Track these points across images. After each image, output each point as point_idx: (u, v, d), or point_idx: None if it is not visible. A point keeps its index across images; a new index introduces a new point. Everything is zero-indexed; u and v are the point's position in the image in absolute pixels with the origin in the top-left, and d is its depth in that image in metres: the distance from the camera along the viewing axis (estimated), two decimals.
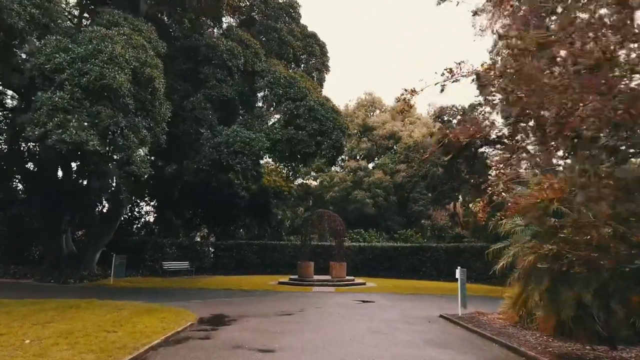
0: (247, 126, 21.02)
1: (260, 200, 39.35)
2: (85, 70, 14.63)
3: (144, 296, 18.99)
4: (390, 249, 36.12)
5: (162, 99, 17.36)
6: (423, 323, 13.73)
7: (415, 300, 19.71)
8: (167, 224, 41.82)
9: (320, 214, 28.32)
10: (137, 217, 39.44)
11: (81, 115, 14.29)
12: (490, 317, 14.46)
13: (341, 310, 15.73)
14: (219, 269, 34.72)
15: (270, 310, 15.47)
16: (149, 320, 12.05)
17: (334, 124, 21.63)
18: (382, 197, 49.55)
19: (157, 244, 31.92)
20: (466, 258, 32.90)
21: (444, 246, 34.50)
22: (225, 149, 19.77)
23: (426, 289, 25.43)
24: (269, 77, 21.69)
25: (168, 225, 41.81)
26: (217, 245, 35.68)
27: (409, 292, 23.48)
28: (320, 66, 29.12)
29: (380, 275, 35.08)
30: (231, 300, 18.36)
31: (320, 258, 35.93)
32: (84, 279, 24.89)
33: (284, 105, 21.40)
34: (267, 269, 35.98)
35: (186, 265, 32.25)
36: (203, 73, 21.52)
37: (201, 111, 21.00)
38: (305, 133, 21.11)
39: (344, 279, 27.20)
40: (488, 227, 17.05)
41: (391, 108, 58.84)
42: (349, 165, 53.03)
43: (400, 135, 52.64)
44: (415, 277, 34.22)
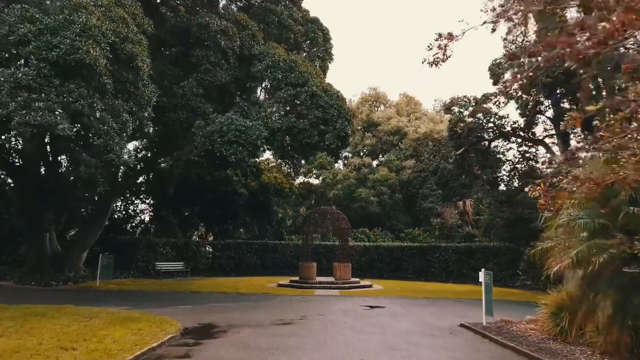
0: (243, 114, 19.12)
1: (259, 198, 37.50)
2: (55, 43, 12.75)
3: (128, 301, 17.15)
4: (396, 249, 34.23)
5: (147, 80, 15.48)
6: (445, 335, 11.78)
7: (428, 306, 17.77)
8: (164, 223, 40.03)
9: (323, 211, 26.41)
10: (131, 215, 37.56)
11: (49, 95, 12.41)
12: (520, 326, 12.52)
13: (348, 319, 13.81)
14: (216, 270, 32.92)
15: (267, 318, 13.57)
16: (121, 332, 10.16)
17: (339, 111, 19.69)
18: (387, 195, 47.62)
19: (149, 243, 30.06)
20: (478, 259, 31.01)
21: (453, 246, 32.57)
22: (219, 138, 17.86)
23: (438, 292, 23.49)
24: (267, 60, 19.76)
25: (164, 224, 40.03)
26: (214, 245, 33.79)
27: (420, 295, 21.54)
28: (323, 54, 27.18)
29: (386, 277, 33.29)
30: (224, 305, 16.47)
31: (324, 258, 34.17)
32: (69, 281, 23.05)
33: (283, 91, 19.45)
34: (267, 271, 34.19)
35: (181, 266, 30.45)
36: (195, 56, 19.62)
37: (193, 97, 19.10)
38: (307, 122, 19.18)
39: (349, 280, 25.29)
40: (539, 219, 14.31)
41: (396, 103, 56.93)
42: (352, 162, 51.14)
43: (406, 131, 50.69)
44: (423, 279, 32.39)
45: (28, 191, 22.67)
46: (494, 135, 28.68)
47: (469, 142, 28.64)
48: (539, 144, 28.26)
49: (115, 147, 13.77)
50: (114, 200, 25.29)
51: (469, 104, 28.94)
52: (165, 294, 20.13)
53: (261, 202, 37.79)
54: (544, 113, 27.49)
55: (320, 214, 26.14)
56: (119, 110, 14.07)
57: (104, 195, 24.98)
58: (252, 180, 37.59)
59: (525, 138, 28.16)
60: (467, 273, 31.35)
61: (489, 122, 28.33)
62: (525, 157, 28.54)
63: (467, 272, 31.35)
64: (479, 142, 29.22)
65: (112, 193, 24.40)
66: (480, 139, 29.06)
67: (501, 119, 28.15)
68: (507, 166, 29.36)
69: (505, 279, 29.55)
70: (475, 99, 28.40)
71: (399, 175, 48.53)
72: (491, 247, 30.58)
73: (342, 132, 19.47)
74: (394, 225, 48.96)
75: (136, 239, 29.44)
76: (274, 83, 19.55)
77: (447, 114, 29.08)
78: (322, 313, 14.88)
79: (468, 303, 19.11)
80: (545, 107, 27.41)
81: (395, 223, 48.99)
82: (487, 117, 27.87)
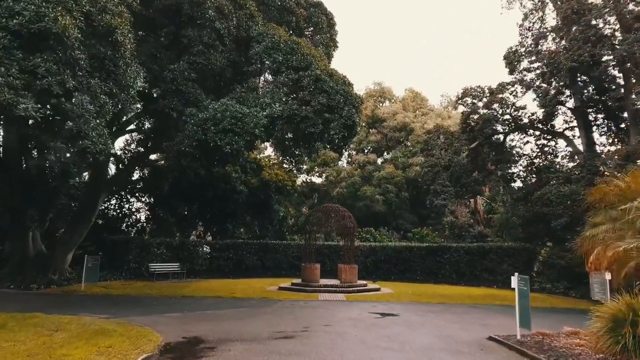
0: (239, 100, 17.27)
1: (260, 196, 35.65)
2: (17, 9, 10.94)
3: (111, 306, 15.37)
4: (404, 250, 32.34)
5: (130, 58, 13.66)
6: (475, 352, 9.90)
7: (446, 313, 15.90)
8: (161, 222, 38.32)
9: (327, 208, 24.53)
10: (126, 214, 35.76)
11: (10, 70, 10.60)
12: (562, 341, 10.62)
13: (358, 331, 11.94)
14: (214, 272, 31.13)
15: (264, 329, 11.73)
16: (84, 352, 8.34)
17: (345, 97, 17.81)
18: (393, 193, 45.81)
19: (142, 243, 28.28)
20: (491, 260, 29.12)
21: (465, 246, 30.64)
22: (213, 127, 16.02)
23: (452, 296, 21.60)
24: (267, 41, 17.90)
25: (162, 223, 38.31)
26: (212, 245, 31.97)
27: (435, 300, 19.66)
28: (327, 40, 25.31)
29: (394, 279, 31.45)
30: (218, 312, 14.64)
31: (327, 259, 32.34)
32: (52, 284, 21.29)
33: (284, 75, 17.58)
34: (268, 272, 32.41)
35: (176, 268, 28.68)
36: (186, 37, 17.77)
37: (184, 82, 17.25)
38: (310, 109, 17.31)
39: (355, 283, 23.44)
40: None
41: (402, 98, 55.04)
42: (357, 159, 49.29)
43: (413, 127, 48.83)
44: (433, 281, 30.54)
45: (16, 188, 20.87)
46: (510, 128, 26.78)
47: (483, 135, 26.75)
48: (559, 137, 26.36)
49: (90, 133, 11.94)
50: (102, 196, 23.47)
51: (482, 95, 27.05)
52: (154, 298, 18.32)
53: (262, 201, 35.96)
54: (564, 104, 25.60)
55: (324, 212, 24.29)
56: (95, 90, 12.25)
57: (91, 191, 23.27)
58: (252, 177, 35.77)
59: (544, 130, 26.25)
60: (480, 275, 29.49)
61: (504, 114, 26.45)
62: (544, 151, 26.62)
63: (480, 274, 29.49)
64: (493, 136, 27.35)
65: (99, 189, 22.62)
66: (495, 132, 27.18)
67: (518, 110, 26.26)
68: (524, 161, 27.46)
69: None
70: (490, 89, 26.49)
71: (405, 172, 46.69)
72: (506, 247, 28.65)
73: (349, 120, 17.59)
74: (400, 225, 47.10)
75: (128, 238, 27.63)
76: (274, 66, 17.68)
77: (459, 105, 27.10)
78: (328, 323, 13.03)
79: (488, 309, 17.26)
80: (566, 97, 25.53)
81: (401, 222, 47.12)
82: (503, 109, 25.99)
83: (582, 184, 22.50)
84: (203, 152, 16.80)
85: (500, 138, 27.33)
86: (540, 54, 25.75)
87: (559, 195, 22.60)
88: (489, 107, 26.18)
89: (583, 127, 24.73)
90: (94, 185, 22.79)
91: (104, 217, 33.73)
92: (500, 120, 26.28)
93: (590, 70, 22.76)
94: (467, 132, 27.15)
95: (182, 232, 38.13)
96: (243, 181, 34.79)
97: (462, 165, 25.87)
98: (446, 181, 25.29)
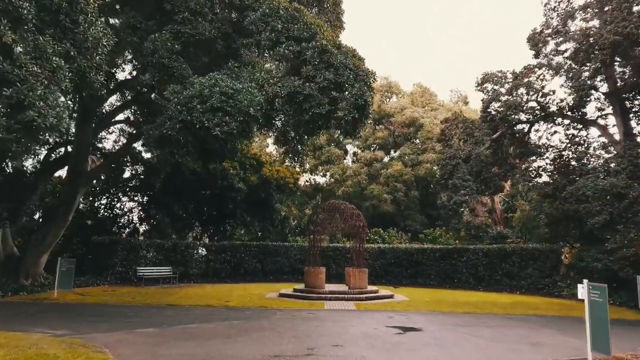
0: (232, 76, 14.71)
1: (260, 194, 33.09)
2: None
3: (75, 319, 12.81)
4: (416, 252, 29.72)
5: (94, 15, 11.11)
6: None
7: (480, 327, 13.22)
8: (155, 223, 35.86)
9: (332, 205, 21.87)
10: (118, 214, 33.25)
11: None
12: None
13: (379, 356, 9.30)
14: (209, 276, 28.63)
15: (258, 352, 9.11)
16: None
17: (355, 73, 15.17)
18: (402, 192, 43.16)
19: (130, 244, 25.70)
20: (513, 263, 26.42)
21: (484, 248, 27.93)
22: (199, 105, 13.44)
23: (478, 304, 18.90)
24: (264, 7, 15.34)
25: (157, 224, 35.86)
26: (208, 247, 29.41)
27: (459, 310, 16.97)
28: (334, 19, 22.80)
29: (405, 283, 28.91)
30: (204, 327, 12.04)
31: (332, 262, 29.82)
32: (22, 291, 18.76)
33: (284, 47, 14.97)
34: (268, 276, 29.89)
35: (167, 272, 26.15)
36: (170, 2, 15.24)
37: (167, 55, 14.69)
38: (315, 86, 14.69)
39: (366, 290, 20.78)
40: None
41: (410, 93, 52.43)
42: (363, 156, 46.66)
43: (422, 123, 46.17)
44: (448, 286, 27.95)
45: None
46: (535, 117, 24.08)
47: (506, 124, 24.09)
48: (591, 125, 23.67)
49: (37, 102, 9.40)
50: (80, 193, 20.88)
51: (504, 81, 24.40)
52: (133, 308, 15.72)
53: (262, 199, 33.39)
54: (597, 89, 22.92)
55: (330, 209, 21.64)
56: (45, 49, 9.71)
57: (67, 186, 20.74)
58: (252, 174, 33.23)
59: (575, 118, 23.55)
60: (501, 280, 26.80)
61: (529, 101, 23.78)
62: (573, 141, 23.90)
63: (501, 279, 26.81)
64: (517, 125, 24.68)
65: (77, 183, 20.06)
66: (519, 122, 24.50)
67: (545, 97, 23.58)
68: (551, 153, 24.74)
69: (549, 286, 24.92)
70: (513, 73, 23.81)
71: (415, 170, 44.06)
72: (530, 249, 25.92)
73: (360, 99, 14.92)
74: (409, 226, 44.44)
75: (114, 239, 25.06)
76: (272, 36, 15.05)
77: (478, 92, 24.46)
78: (338, 342, 10.38)
79: (527, 322, 14.56)
80: (599, 81, 22.86)
81: (410, 223, 44.47)
82: (529, 94, 23.32)
83: (624, 177, 19.84)
84: (189, 136, 14.22)
85: (524, 128, 24.65)
86: (569, 34, 23.14)
87: (596, 189, 19.90)
88: (513, 93, 23.51)
89: (620, 114, 22.06)
90: (71, 179, 20.23)
91: (94, 218, 31.33)
92: (525, 108, 23.60)
93: (630, 48, 20.15)
94: (488, 122, 24.49)
95: (178, 233, 35.61)
96: (242, 178, 32.25)
97: (484, 157, 23.18)
98: (466, 175, 22.61)
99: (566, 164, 24.00)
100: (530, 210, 26.83)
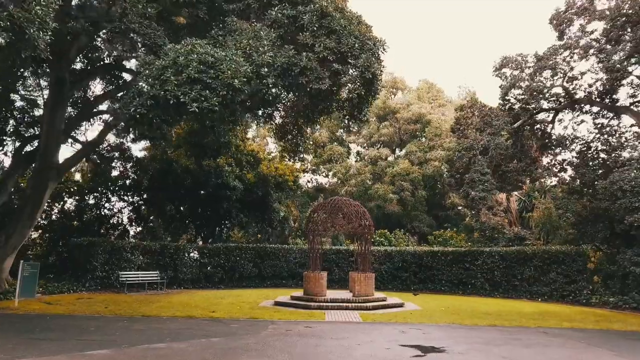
0: (214, 44, 12.38)
1: (257, 193, 30.73)
2: None
3: (21, 335, 10.46)
4: (426, 255, 27.30)
5: None
6: None
7: (516, 345, 10.75)
8: (147, 225, 33.63)
9: (335, 202, 19.44)
10: (106, 215, 30.95)
11: None
12: None
13: None
14: (202, 281, 26.30)
15: None
16: None
17: (361, 42, 12.83)
18: (408, 192, 40.74)
19: (111, 247, 23.31)
20: (535, 267, 23.86)
21: (501, 251, 25.41)
22: (174, 77, 11.13)
23: (501, 315, 16.41)
24: None
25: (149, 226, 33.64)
26: (200, 250, 27.02)
27: (483, 322, 14.49)
28: None
29: (414, 290, 26.46)
30: (174, 348, 9.65)
31: (336, 266, 27.43)
32: None
33: (277, 11, 12.68)
34: (266, 282, 27.57)
35: (155, 277, 23.82)
36: None
37: (137, 20, 12.40)
38: (314, 56, 12.34)
39: (372, 298, 18.34)
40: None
41: (417, 89, 50.08)
42: (367, 154, 44.30)
43: (430, 119, 43.81)
44: (461, 292, 25.58)
45: None
46: (560, 104, 21.64)
47: (527, 113, 21.67)
48: (624, 113, 21.22)
49: None
50: (50, 188, 18.53)
51: (525, 65, 21.99)
52: (99, 320, 13.34)
53: (259, 198, 31.03)
54: (631, 72, 20.50)
55: (332, 206, 19.21)
56: None
57: (34, 179, 18.40)
58: (248, 172, 30.90)
59: (606, 105, 21.11)
60: (520, 285, 24.29)
61: (554, 87, 21.37)
62: (604, 131, 21.44)
63: (520, 285, 24.29)
64: (539, 114, 22.25)
65: (44, 178, 17.71)
66: (542, 110, 22.07)
67: (571, 82, 21.17)
68: (577, 145, 22.28)
69: (575, 293, 22.39)
70: (536, 56, 21.37)
71: (422, 168, 41.68)
72: (554, 251, 23.40)
73: (368, 72, 12.53)
74: (417, 228, 42.06)
75: (92, 241, 22.65)
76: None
77: (496, 77, 22.07)
78: None
79: (568, 337, 12.10)
80: (633, 64, 20.42)
81: (417, 225, 42.08)
82: (554, 79, 20.91)
83: None
84: (162, 114, 11.86)
85: (548, 117, 22.20)
86: (596, 12, 20.79)
87: (636, 183, 17.43)
88: (535, 78, 21.11)
89: None
90: (38, 174, 17.91)
91: (79, 219, 29.09)
92: (549, 94, 21.20)
93: None
94: (507, 111, 22.09)
95: (172, 235, 33.25)
96: (237, 176, 29.88)
97: (504, 148, 20.74)
98: (484, 168, 20.18)
99: (594, 156, 21.58)
100: (553, 209, 24.32)
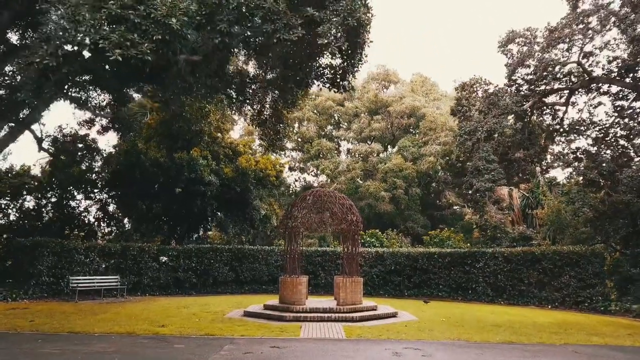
0: None
1: (235, 189, 27.80)
2: None
3: None
4: (421, 257, 24.50)
5: None
6: None
7: None
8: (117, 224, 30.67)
9: (318, 194, 16.55)
10: (72, 215, 27.88)
11: None
12: None
13: None
14: (171, 287, 23.34)
15: None
16: None
17: None
18: (402, 190, 37.98)
19: (61, 248, 20.24)
20: (544, 270, 21.12)
21: (505, 252, 22.65)
22: (90, 15, 8.26)
23: (513, 327, 13.61)
24: None
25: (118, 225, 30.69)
26: (169, 252, 23.97)
27: (495, 338, 11.66)
28: None
29: (408, 295, 23.87)
30: None
31: (322, 270, 24.66)
32: None
33: None
34: (244, 287, 24.73)
35: (114, 282, 20.86)
36: None
37: None
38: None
39: (359, 306, 15.44)
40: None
41: (410, 82, 47.45)
42: (357, 150, 41.52)
43: (424, 113, 41.15)
44: (461, 299, 22.93)
45: None
46: (574, 84, 19.01)
47: (536, 94, 18.99)
48: None
49: None
50: None
51: (534, 41, 19.34)
52: (6, 339, 10.35)
53: (237, 195, 28.07)
54: None
55: (314, 199, 16.30)
56: None
57: None
58: (226, 166, 27.98)
59: (628, 85, 18.45)
60: (527, 290, 21.53)
61: (567, 63, 18.72)
62: (624, 114, 18.80)
63: (527, 289, 21.53)
64: (550, 95, 19.59)
65: None
66: (554, 90, 19.41)
67: (587, 57, 18.53)
68: (593, 132, 19.64)
69: (592, 299, 19.69)
70: (548, 28, 18.69)
71: (416, 164, 38.96)
72: (566, 252, 20.66)
73: (351, 18, 9.74)
74: (410, 228, 39.31)
75: (36, 241, 19.61)
76: None
77: (502, 55, 19.37)
78: None
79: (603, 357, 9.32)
80: None
81: (411, 225, 39.33)
82: (568, 53, 18.26)
83: None
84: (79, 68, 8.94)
85: (561, 98, 19.54)
86: None
87: None
88: (546, 53, 18.45)
89: None
90: None
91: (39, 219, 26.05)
92: (561, 73, 18.56)
93: None
94: (514, 92, 19.41)
95: (144, 236, 30.12)
96: (213, 170, 26.95)
97: (511, 133, 18.03)
98: (490, 155, 17.45)
99: (612, 143, 18.95)
100: (564, 204, 21.63)
